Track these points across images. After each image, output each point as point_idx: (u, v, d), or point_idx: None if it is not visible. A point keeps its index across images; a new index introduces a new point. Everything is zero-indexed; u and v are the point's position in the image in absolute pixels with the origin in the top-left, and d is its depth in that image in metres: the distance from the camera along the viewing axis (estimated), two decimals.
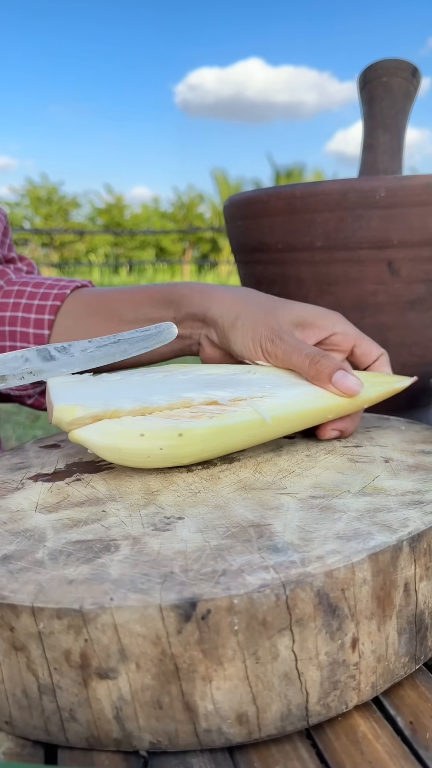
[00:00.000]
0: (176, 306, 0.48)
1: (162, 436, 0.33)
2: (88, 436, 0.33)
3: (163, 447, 0.34)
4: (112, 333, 0.49)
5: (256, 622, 0.23)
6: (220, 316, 0.44)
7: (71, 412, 0.34)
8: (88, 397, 0.35)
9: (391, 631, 0.26)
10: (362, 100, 0.73)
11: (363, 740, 0.24)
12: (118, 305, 0.51)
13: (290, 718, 0.24)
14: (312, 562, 0.24)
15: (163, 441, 0.33)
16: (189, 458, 0.35)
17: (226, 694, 0.23)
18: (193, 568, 0.24)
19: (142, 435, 0.33)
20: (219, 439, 0.35)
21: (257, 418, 0.36)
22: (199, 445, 0.34)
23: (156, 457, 0.34)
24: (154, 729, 0.23)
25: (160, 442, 0.33)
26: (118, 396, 0.36)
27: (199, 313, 0.46)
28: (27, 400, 0.56)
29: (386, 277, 0.53)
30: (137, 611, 0.22)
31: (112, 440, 0.33)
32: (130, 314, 0.50)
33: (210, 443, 0.35)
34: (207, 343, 0.47)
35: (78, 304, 0.53)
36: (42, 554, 0.26)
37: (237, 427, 0.35)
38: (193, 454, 0.35)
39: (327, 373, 0.39)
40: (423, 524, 0.27)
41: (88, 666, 0.23)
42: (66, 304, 0.53)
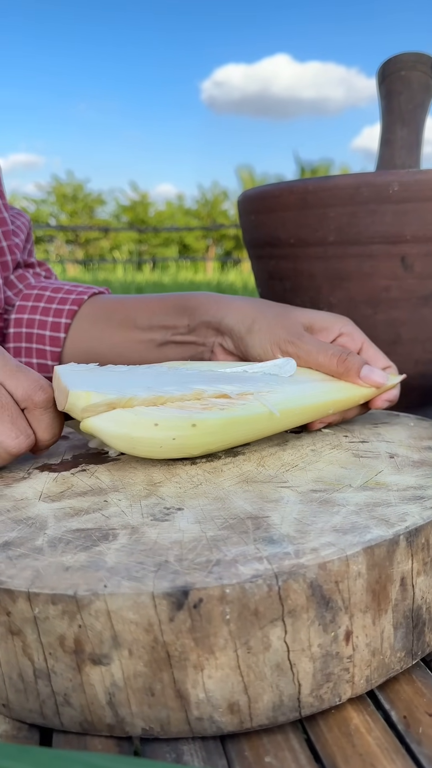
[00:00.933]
0: (191, 314, 0.48)
1: (176, 426, 0.34)
2: (102, 425, 0.34)
3: (176, 437, 0.34)
4: (126, 338, 0.50)
5: (247, 612, 0.23)
6: (235, 323, 0.45)
7: (86, 398, 0.34)
8: (101, 385, 0.35)
9: (386, 625, 0.26)
10: (380, 95, 0.72)
11: (355, 733, 0.24)
12: (134, 312, 0.52)
13: (282, 709, 0.24)
14: (306, 554, 0.24)
15: (177, 431, 0.34)
16: (199, 449, 0.35)
17: (217, 682, 0.23)
18: (188, 557, 0.25)
19: (156, 424, 0.34)
20: (229, 431, 0.35)
21: (265, 411, 0.36)
22: (210, 435, 0.35)
23: (168, 446, 0.34)
24: (146, 715, 0.24)
25: (173, 432, 0.34)
26: (131, 385, 0.36)
27: (213, 321, 0.47)
28: None
29: (399, 273, 0.53)
30: (130, 598, 0.23)
31: (126, 429, 0.33)
32: (145, 321, 0.51)
33: (221, 434, 0.35)
34: (220, 351, 0.47)
35: (94, 310, 0.54)
36: (41, 541, 0.27)
37: (247, 419, 0.36)
38: (204, 445, 0.35)
39: (356, 369, 0.41)
40: (421, 519, 0.27)
41: (81, 651, 0.23)
42: (83, 309, 0.54)
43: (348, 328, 0.44)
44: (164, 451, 0.34)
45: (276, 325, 0.43)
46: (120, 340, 0.52)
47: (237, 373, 0.40)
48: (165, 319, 0.50)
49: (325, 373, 0.41)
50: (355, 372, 0.41)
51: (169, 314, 0.50)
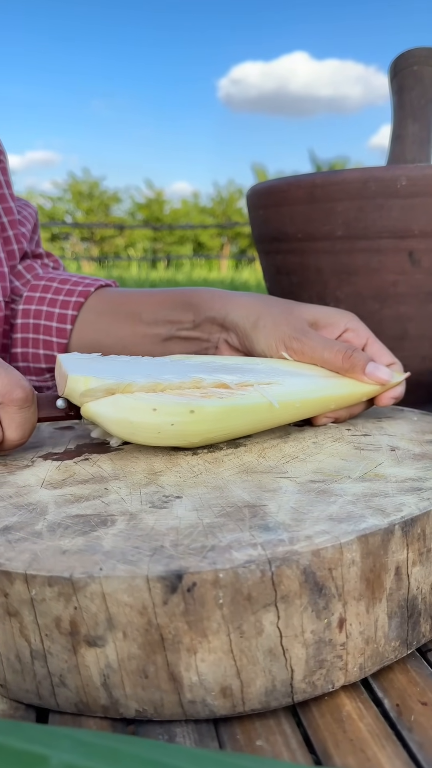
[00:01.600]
0: (195, 309, 0.49)
1: (174, 411, 0.34)
2: (101, 410, 0.34)
3: (175, 423, 0.34)
4: (132, 332, 0.51)
5: (241, 596, 0.23)
6: (240, 319, 0.45)
7: (85, 383, 0.34)
8: (101, 371, 0.36)
9: (380, 614, 0.26)
10: (392, 90, 0.72)
11: (347, 719, 0.24)
12: (139, 306, 0.52)
13: (275, 694, 0.24)
14: (300, 541, 0.24)
15: (175, 417, 0.34)
16: (198, 437, 0.35)
17: (210, 666, 0.24)
18: (184, 543, 0.25)
19: (154, 410, 0.34)
20: (228, 420, 0.36)
21: (265, 402, 0.36)
22: (209, 423, 0.35)
23: (166, 433, 0.34)
24: (140, 697, 0.24)
25: (171, 418, 0.34)
26: (131, 372, 0.36)
27: (218, 317, 0.47)
28: (46, 392, 0.58)
29: (407, 268, 0.52)
30: (125, 581, 0.23)
31: (125, 414, 0.34)
32: (150, 315, 0.51)
33: (219, 423, 0.35)
34: (225, 347, 0.48)
35: (101, 302, 0.55)
36: (41, 526, 0.27)
37: (245, 409, 0.36)
38: (202, 433, 0.35)
39: (361, 366, 0.41)
40: (418, 509, 0.27)
41: (77, 633, 0.24)
42: (89, 301, 0.55)
43: (353, 323, 0.44)
44: (163, 437, 0.35)
45: (281, 322, 0.43)
46: (125, 334, 0.52)
47: (238, 364, 0.40)
48: (170, 314, 0.50)
49: (331, 369, 0.41)
50: (361, 369, 0.41)
51: (174, 309, 0.50)
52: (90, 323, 0.54)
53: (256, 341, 0.44)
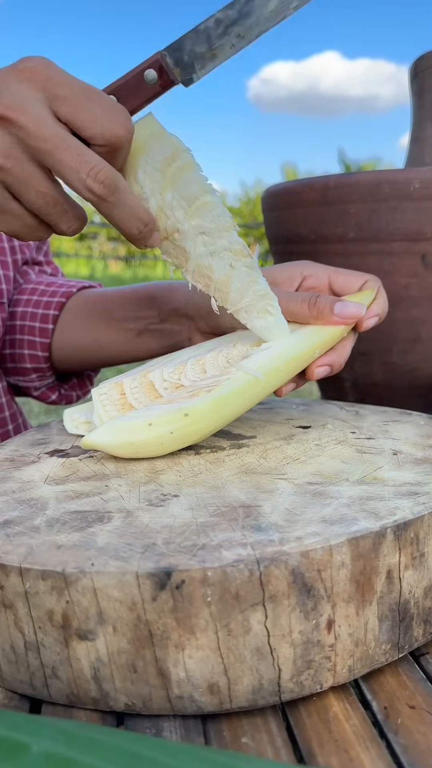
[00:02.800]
0: (158, 304, 0.50)
1: (169, 420, 0.34)
2: (99, 439, 0.35)
3: (173, 430, 0.35)
4: (106, 330, 0.52)
5: (229, 595, 0.24)
6: (202, 300, 0.45)
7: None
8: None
9: (371, 617, 0.26)
10: (412, 91, 0.71)
11: (333, 720, 0.24)
12: (111, 304, 0.54)
13: (262, 693, 0.25)
14: (290, 542, 0.25)
15: (172, 425, 0.34)
16: (199, 434, 0.36)
17: (198, 663, 0.24)
18: (175, 541, 0.25)
19: (150, 424, 0.34)
20: (222, 410, 0.36)
21: (250, 379, 0.36)
22: (205, 419, 0.35)
23: (168, 441, 0.35)
24: (129, 691, 0.24)
25: (168, 427, 0.34)
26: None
27: (181, 308, 0.48)
28: (33, 392, 0.60)
29: (419, 271, 0.52)
30: (115, 577, 0.24)
31: (124, 437, 0.34)
32: (120, 312, 0.53)
33: (215, 416, 0.36)
34: (197, 335, 0.48)
35: (79, 303, 0.56)
36: (39, 521, 0.28)
37: (235, 393, 0.36)
38: (202, 430, 0.36)
39: (328, 309, 0.39)
40: (411, 514, 0.27)
41: (69, 626, 0.24)
42: (70, 302, 0.56)
43: (308, 269, 0.44)
44: (166, 446, 0.35)
45: None
46: (100, 332, 0.54)
47: (210, 345, 0.41)
48: (137, 311, 0.52)
49: (300, 321, 0.41)
50: (329, 312, 0.39)
51: (140, 305, 0.51)
52: (69, 323, 0.56)
53: (221, 317, 0.44)
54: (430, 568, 0.28)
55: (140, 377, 0.39)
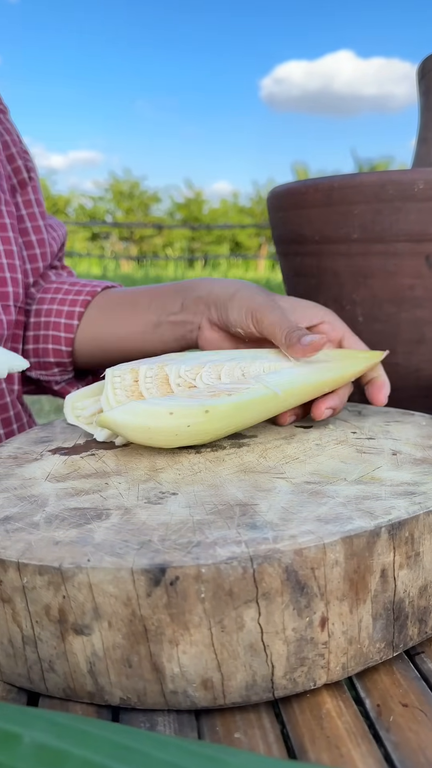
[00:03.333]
0: (184, 293, 0.52)
1: (189, 413, 0.35)
2: (117, 418, 0.35)
3: (191, 424, 0.35)
4: (127, 322, 0.55)
5: (222, 591, 0.24)
6: (221, 291, 0.48)
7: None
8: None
9: (364, 615, 0.26)
10: (420, 91, 0.71)
11: (326, 717, 0.25)
12: (137, 297, 0.56)
13: (255, 689, 0.25)
14: (284, 540, 0.25)
15: (191, 418, 0.35)
16: (211, 434, 0.36)
17: (191, 658, 0.24)
18: (171, 538, 0.26)
19: (171, 413, 0.35)
20: (239, 415, 0.37)
21: (270, 393, 0.37)
22: (222, 420, 0.36)
23: (183, 434, 0.35)
24: (124, 686, 0.25)
25: (188, 420, 0.35)
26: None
27: (203, 294, 0.50)
28: (54, 386, 0.62)
29: (424, 271, 0.52)
30: (110, 573, 0.24)
31: (141, 420, 0.35)
32: (145, 304, 0.55)
33: (231, 419, 0.36)
34: (207, 325, 0.49)
35: (104, 300, 0.59)
36: (39, 517, 0.28)
37: (253, 402, 0.37)
38: (216, 430, 0.36)
39: (296, 338, 0.41)
40: (407, 513, 0.27)
41: (65, 621, 0.25)
42: (95, 300, 0.59)
43: (330, 317, 0.46)
44: (179, 439, 0.35)
45: (257, 295, 0.45)
46: (121, 324, 0.56)
47: (231, 358, 0.41)
48: (162, 301, 0.54)
49: (276, 344, 0.42)
50: (296, 341, 0.40)
51: (166, 296, 0.54)
52: (92, 319, 0.58)
53: (230, 309, 0.46)
54: (425, 568, 0.28)
55: (157, 368, 0.39)
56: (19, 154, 0.64)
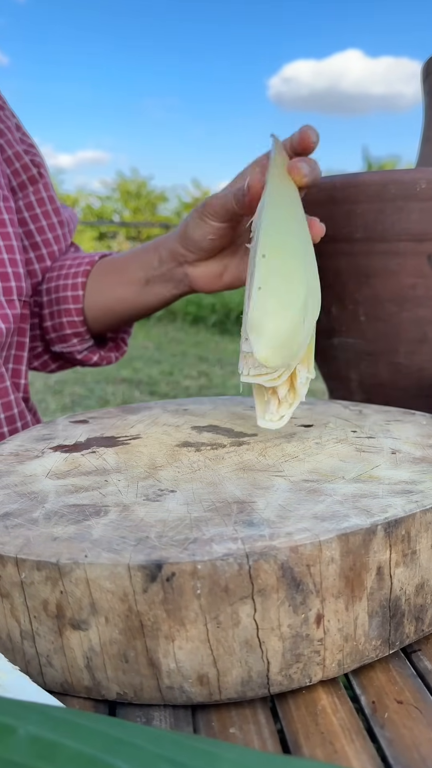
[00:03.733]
0: (157, 248, 0.57)
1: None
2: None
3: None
4: (122, 284, 0.60)
5: (218, 588, 0.24)
6: (178, 229, 0.54)
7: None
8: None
9: (360, 612, 0.26)
10: (424, 91, 0.71)
11: (321, 713, 0.25)
12: (127, 260, 0.62)
13: (251, 685, 0.25)
14: (280, 537, 0.25)
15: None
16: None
17: (187, 654, 0.24)
18: (168, 534, 0.26)
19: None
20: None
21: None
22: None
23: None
24: (120, 681, 0.25)
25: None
26: None
27: (169, 243, 0.55)
28: (77, 355, 0.67)
29: (426, 271, 0.52)
30: (107, 569, 0.24)
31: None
32: (128, 267, 0.60)
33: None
34: (190, 269, 0.55)
35: (100, 268, 0.64)
36: (38, 514, 0.29)
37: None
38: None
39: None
40: (403, 511, 0.27)
41: (63, 616, 0.25)
42: (94, 269, 0.64)
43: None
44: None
45: (197, 207, 0.52)
46: (118, 288, 0.61)
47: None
48: (146, 260, 0.58)
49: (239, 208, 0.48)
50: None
51: (148, 253, 0.58)
52: (94, 287, 0.63)
53: (189, 231, 0.52)
54: (422, 566, 0.28)
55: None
56: (26, 151, 0.64)
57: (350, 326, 0.57)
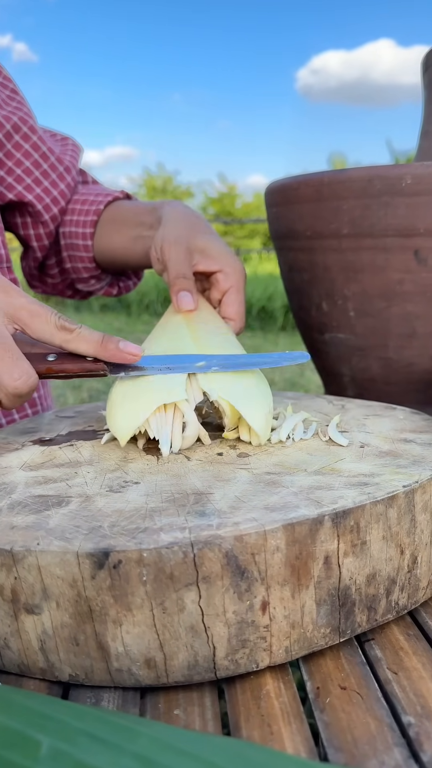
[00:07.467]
0: (154, 212, 0.59)
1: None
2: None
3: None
4: (119, 236, 0.63)
5: (163, 575, 0.25)
6: (163, 214, 0.56)
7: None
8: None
9: (307, 600, 0.27)
10: (424, 84, 0.71)
11: (265, 697, 0.26)
12: (127, 213, 0.64)
13: (197, 669, 0.26)
14: (226, 527, 0.26)
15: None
16: None
17: (135, 638, 0.25)
18: (121, 524, 0.27)
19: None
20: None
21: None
22: None
23: None
24: (72, 663, 0.26)
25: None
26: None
27: (160, 216, 0.56)
28: (98, 292, 0.72)
29: (413, 266, 0.52)
30: (57, 556, 0.25)
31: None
32: (132, 219, 0.62)
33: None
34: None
35: (106, 216, 0.66)
36: (3, 504, 0.30)
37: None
38: None
39: (177, 289, 0.48)
40: (353, 503, 0.28)
41: (18, 601, 0.26)
42: (102, 216, 0.66)
43: (229, 269, 0.50)
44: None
45: (176, 227, 0.53)
46: (115, 238, 0.63)
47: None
48: (142, 218, 0.60)
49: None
50: (176, 290, 0.48)
51: (145, 213, 0.60)
52: (100, 234, 0.65)
53: (157, 232, 0.54)
54: (373, 556, 0.29)
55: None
56: (13, 112, 0.63)
57: (340, 322, 0.57)
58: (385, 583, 0.29)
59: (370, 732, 0.23)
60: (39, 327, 0.37)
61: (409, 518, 0.30)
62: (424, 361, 0.55)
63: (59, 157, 0.67)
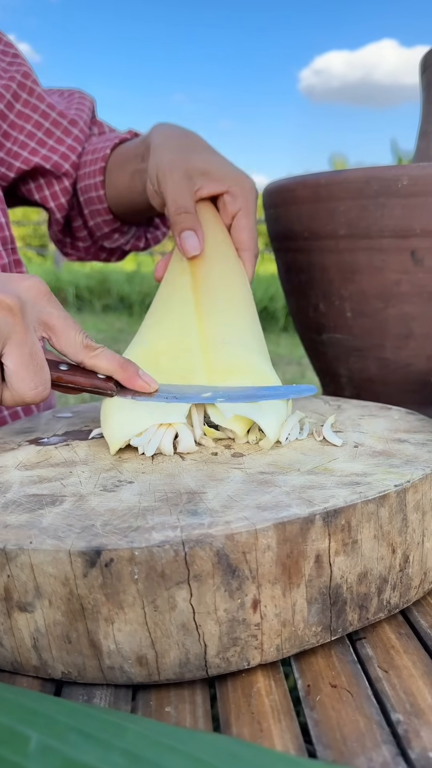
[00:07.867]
0: (144, 140, 0.56)
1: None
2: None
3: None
4: (122, 177, 0.60)
5: (155, 573, 0.25)
6: (153, 139, 0.52)
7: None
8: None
9: (299, 599, 0.27)
10: (422, 85, 0.71)
11: (255, 694, 0.26)
12: (125, 151, 0.61)
13: (189, 667, 0.26)
14: (217, 526, 0.26)
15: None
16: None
17: (126, 636, 0.26)
18: (113, 523, 0.27)
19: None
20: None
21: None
22: None
23: None
24: (65, 661, 0.26)
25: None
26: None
27: (149, 142, 0.53)
28: (125, 246, 0.69)
29: (410, 267, 0.52)
30: (50, 554, 0.25)
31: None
32: (130, 155, 0.59)
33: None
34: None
35: (111, 161, 0.63)
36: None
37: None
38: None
39: (180, 228, 0.46)
40: (344, 502, 0.28)
41: (11, 599, 0.26)
42: (108, 164, 0.63)
43: (235, 189, 0.47)
44: None
45: (170, 152, 0.49)
46: (120, 181, 0.60)
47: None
48: (135, 150, 0.58)
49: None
50: (179, 229, 0.46)
51: (138, 146, 0.57)
52: (108, 183, 0.62)
53: (150, 161, 0.50)
54: (364, 555, 0.29)
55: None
56: (13, 78, 0.61)
57: (338, 322, 0.57)
58: (377, 582, 0.29)
59: (359, 729, 0.24)
60: (66, 341, 0.37)
61: (400, 517, 0.30)
62: (421, 362, 0.55)
63: (61, 112, 0.65)
